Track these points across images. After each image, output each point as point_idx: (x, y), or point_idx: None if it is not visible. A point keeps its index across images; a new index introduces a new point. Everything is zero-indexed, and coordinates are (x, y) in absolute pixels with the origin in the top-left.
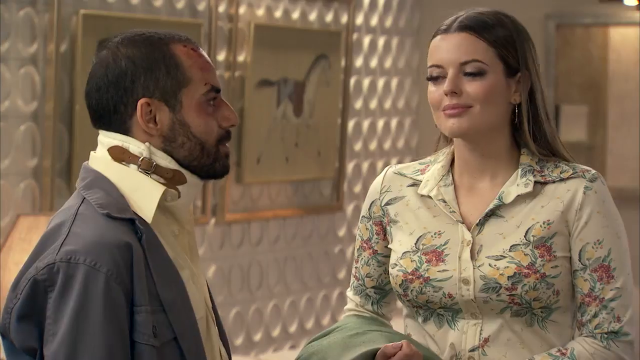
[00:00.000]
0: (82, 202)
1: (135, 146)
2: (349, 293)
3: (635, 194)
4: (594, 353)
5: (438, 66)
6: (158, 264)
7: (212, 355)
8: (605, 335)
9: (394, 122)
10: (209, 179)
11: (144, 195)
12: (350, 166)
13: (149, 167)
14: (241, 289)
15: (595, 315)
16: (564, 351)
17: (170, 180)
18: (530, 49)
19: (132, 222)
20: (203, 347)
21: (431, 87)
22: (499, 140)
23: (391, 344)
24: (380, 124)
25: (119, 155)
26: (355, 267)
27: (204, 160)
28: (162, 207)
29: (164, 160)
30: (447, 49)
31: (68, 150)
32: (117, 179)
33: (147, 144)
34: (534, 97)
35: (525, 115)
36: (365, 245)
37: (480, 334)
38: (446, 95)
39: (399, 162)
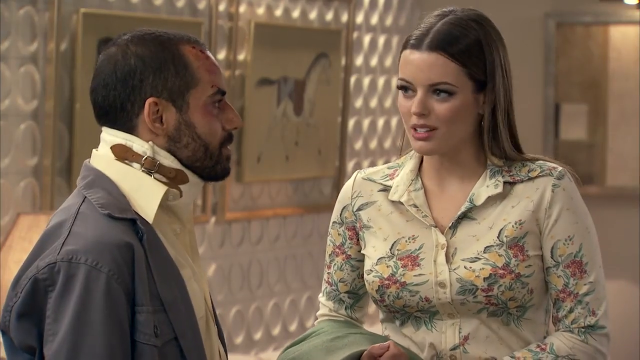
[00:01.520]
0: (83, 201)
1: (138, 145)
2: (322, 299)
3: (635, 193)
4: (572, 347)
5: (407, 81)
6: (159, 264)
7: (212, 354)
8: (583, 330)
9: (394, 121)
10: (210, 180)
11: (145, 195)
12: (350, 165)
13: (153, 167)
14: (241, 288)
15: (571, 311)
16: (543, 346)
17: (173, 179)
18: (500, 57)
19: (134, 222)
20: (203, 346)
21: (401, 98)
22: (467, 147)
23: (378, 344)
24: (381, 122)
25: (122, 153)
26: (328, 273)
27: (207, 162)
28: (164, 206)
29: (167, 160)
30: (417, 67)
31: (68, 148)
32: (119, 178)
33: (150, 143)
34: (497, 109)
35: (486, 129)
36: (338, 250)
37: (460, 332)
38: (414, 115)
39: None
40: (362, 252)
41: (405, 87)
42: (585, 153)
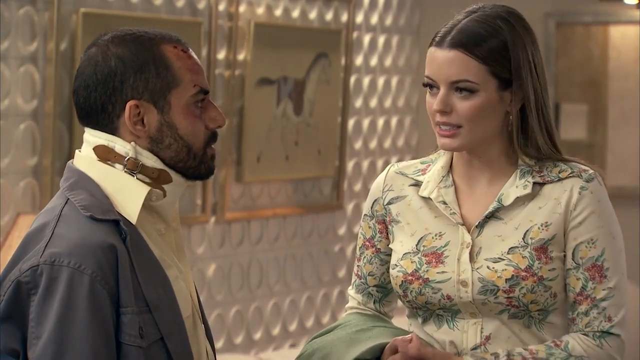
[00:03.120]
0: (65, 203)
1: (121, 146)
2: (351, 291)
3: (635, 193)
4: (586, 349)
5: (431, 79)
6: (143, 264)
7: (199, 354)
8: (598, 334)
9: (394, 121)
10: (194, 179)
11: (128, 195)
12: (350, 165)
13: (135, 167)
14: (241, 288)
15: (586, 314)
16: (558, 343)
17: (156, 179)
18: (528, 54)
19: (117, 223)
20: (189, 346)
21: (427, 96)
22: (496, 146)
23: (401, 337)
24: (380, 122)
25: (105, 154)
26: (358, 266)
27: (190, 163)
28: (148, 206)
29: (150, 160)
30: (438, 65)
31: (68, 148)
32: (101, 179)
33: (132, 143)
34: (526, 107)
35: (514, 127)
36: (367, 243)
37: (481, 332)
38: (436, 112)
39: (399, 160)
40: (390, 246)
41: (431, 85)
42: (585, 153)
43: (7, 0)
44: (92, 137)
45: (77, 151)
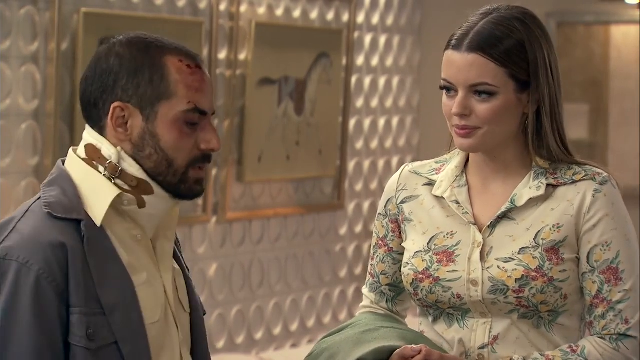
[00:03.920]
0: (38, 199)
1: (106, 148)
2: (365, 290)
3: (636, 193)
4: (603, 354)
5: (449, 82)
6: (102, 267)
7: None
8: (615, 337)
9: (395, 121)
10: (177, 198)
11: (97, 197)
12: (351, 164)
13: (114, 172)
14: (242, 288)
15: (603, 317)
16: (574, 348)
17: (135, 188)
18: (545, 55)
19: (79, 222)
20: (149, 351)
21: (444, 98)
22: (512, 148)
23: (411, 346)
24: (382, 122)
25: (92, 154)
26: (371, 265)
27: (170, 179)
28: (120, 211)
29: (132, 168)
30: (457, 68)
31: (69, 148)
32: (80, 178)
33: (118, 148)
34: (541, 108)
35: (530, 128)
36: (380, 242)
37: (490, 332)
38: (455, 116)
39: (400, 160)
40: (402, 245)
41: (448, 88)
42: (586, 152)
43: (9, 0)
44: (87, 135)
45: (71, 148)
